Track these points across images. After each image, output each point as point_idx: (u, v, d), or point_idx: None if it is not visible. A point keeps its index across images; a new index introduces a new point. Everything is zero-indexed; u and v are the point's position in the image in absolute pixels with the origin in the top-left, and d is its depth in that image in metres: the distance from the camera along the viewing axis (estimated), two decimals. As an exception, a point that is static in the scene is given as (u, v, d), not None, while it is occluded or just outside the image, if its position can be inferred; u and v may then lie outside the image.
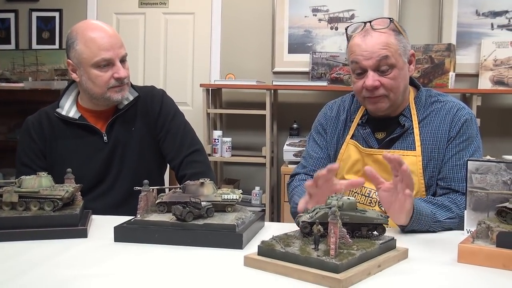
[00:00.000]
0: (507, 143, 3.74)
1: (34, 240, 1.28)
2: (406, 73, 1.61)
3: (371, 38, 1.55)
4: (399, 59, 1.57)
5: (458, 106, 1.66)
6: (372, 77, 1.56)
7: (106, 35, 1.73)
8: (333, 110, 1.82)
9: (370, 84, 1.56)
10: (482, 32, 3.67)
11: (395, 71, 1.57)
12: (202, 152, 1.92)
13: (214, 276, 1.05)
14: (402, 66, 1.58)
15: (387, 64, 1.55)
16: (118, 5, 4.25)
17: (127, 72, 1.79)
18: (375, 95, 1.59)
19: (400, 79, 1.58)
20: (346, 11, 3.87)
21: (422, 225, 1.40)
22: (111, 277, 1.04)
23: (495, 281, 1.04)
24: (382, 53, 1.54)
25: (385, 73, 1.56)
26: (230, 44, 4.09)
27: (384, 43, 1.54)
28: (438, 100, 1.69)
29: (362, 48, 1.56)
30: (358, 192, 1.67)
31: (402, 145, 1.64)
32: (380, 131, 1.69)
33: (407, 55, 1.61)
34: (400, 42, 1.57)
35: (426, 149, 1.61)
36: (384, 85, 1.57)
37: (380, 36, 1.55)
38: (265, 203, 3.69)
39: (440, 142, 1.61)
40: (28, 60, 4.26)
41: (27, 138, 1.84)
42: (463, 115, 1.63)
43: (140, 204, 1.34)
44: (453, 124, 1.62)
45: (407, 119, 1.65)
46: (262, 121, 3.65)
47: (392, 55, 1.55)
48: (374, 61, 1.55)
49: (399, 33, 1.58)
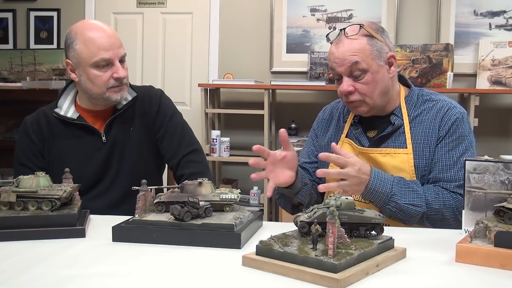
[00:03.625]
0: (505, 143, 3.74)
1: (32, 240, 1.28)
2: (383, 76, 1.61)
3: (342, 45, 1.59)
4: (371, 63, 1.58)
5: (449, 105, 1.67)
6: (346, 82, 1.60)
7: (105, 35, 1.73)
8: (325, 112, 1.88)
9: (344, 89, 1.60)
10: (480, 32, 3.68)
11: (368, 75, 1.59)
12: (200, 152, 1.92)
13: (212, 276, 1.05)
14: (377, 69, 1.59)
15: (358, 69, 1.58)
16: (116, 4, 4.25)
17: (126, 72, 1.79)
18: (350, 100, 1.62)
19: (374, 83, 1.60)
20: (344, 11, 3.87)
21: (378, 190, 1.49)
22: (109, 277, 1.04)
23: (493, 280, 1.04)
24: (352, 59, 1.57)
25: (358, 79, 1.59)
26: (228, 43, 4.09)
27: (354, 49, 1.57)
28: (430, 99, 1.70)
29: (335, 55, 1.61)
30: None
31: (394, 143, 1.65)
32: (371, 130, 1.71)
33: (384, 58, 1.61)
34: (373, 46, 1.59)
35: (417, 147, 1.63)
36: (358, 90, 1.60)
37: (351, 42, 1.58)
38: (263, 202, 3.70)
39: (431, 140, 1.63)
40: (26, 59, 4.25)
41: (25, 138, 1.84)
42: (454, 114, 1.64)
43: (138, 204, 1.34)
44: (443, 123, 1.63)
45: (398, 118, 1.67)
46: (260, 121, 3.65)
47: (362, 60, 1.57)
48: (345, 67, 1.58)
49: (371, 37, 1.60)
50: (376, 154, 1.65)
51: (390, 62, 1.64)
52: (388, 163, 1.62)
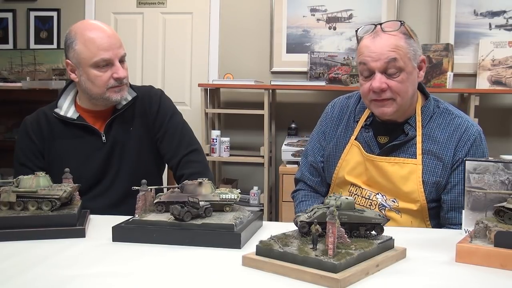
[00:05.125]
0: (505, 143, 3.74)
1: (32, 240, 1.28)
2: (414, 78, 1.58)
3: (380, 40, 1.53)
4: (408, 63, 1.54)
5: (466, 123, 1.62)
6: (379, 79, 1.53)
7: (105, 35, 1.73)
8: (335, 109, 1.81)
9: (377, 86, 1.53)
10: (480, 32, 3.68)
11: (403, 74, 1.53)
12: (200, 152, 1.92)
13: (212, 276, 1.05)
14: (411, 70, 1.55)
15: (395, 67, 1.52)
16: (116, 4, 4.25)
17: (126, 72, 1.79)
18: (381, 98, 1.56)
19: (408, 83, 1.55)
20: (344, 11, 3.87)
21: None
22: (109, 277, 1.04)
23: (493, 280, 1.04)
24: (390, 55, 1.52)
25: (393, 76, 1.53)
26: (228, 43, 4.09)
27: (393, 45, 1.52)
28: (447, 112, 1.65)
29: (370, 49, 1.54)
30: (359, 194, 1.67)
31: (404, 153, 1.62)
32: (383, 135, 1.66)
33: (417, 60, 1.58)
34: (410, 46, 1.54)
35: (427, 161, 1.59)
36: (391, 88, 1.54)
37: (390, 38, 1.53)
38: (263, 202, 3.69)
39: (444, 159, 1.59)
40: (26, 59, 4.25)
41: (25, 138, 1.84)
42: (473, 133, 1.60)
43: (138, 204, 1.34)
44: (462, 143, 1.59)
45: (412, 128, 1.62)
46: (260, 121, 3.65)
47: (400, 58, 1.52)
48: (382, 63, 1.52)
49: (409, 37, 1.55)
50: (384, 163, 1.61)
51: (420, 66, 1.60)
52: (396, 173, 1.59)
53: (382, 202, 1.62)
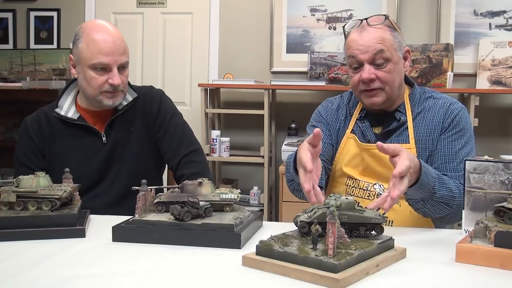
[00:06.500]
0: (505, 143, 3.74)
1: (32, 240, 1.28)
2: (401, 68, 1.67)
3: (367, 33, 1.62)
4: (394, 54, 1.62)
5: (451, 101, 1.71)
6: (368, 70, 1.61)
7: (110, 40, 1.72)
8: (333, 103, 1.86)
9: (366, 76, 1.61)
10: (480, 32, 3.68)
11: (390, 64, 1.62)
12: (200, 152, 1.92)
13: (212, 276, 1.05)
14: (397, 60, 1.64)
15: (382, 58, 1.60)
16: (116, 4, 4.25)
17: (122, 79, 1.77)
18: (371, 88, 1.63)
19: (395, 73, 1.63)
20: (344, 11, 3.87)
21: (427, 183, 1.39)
22: (109, 277, 1.04)
23: (493, 280, 1.04)
24: (377, 47, 1.60)
25: (381, 67, 1.62)
26: (228, 43, 4.09)
27: (379, 37, 1.61)
28: (432, 96, 1.74)
29: (358, 43, 1.62)
30: (356, 186, 1.70)
31: (397, 139, 1.68)
32: (376, 126, 1.73)
33: (402, 51, 1.66)
34: (395, 38, 1.63)
35: (419, 142, 1.66)
36: (380, 78, 1.62)
37: (376, 31, 1.62)
38: (263, 202, 3.69)
39: (434, 134, 1.66)
40: (26, 59, 4.25)
41: (25, 137, 1.84)
42: (456, 108, 1.68)
43: (138, 203, 1.34)
44: (446, 116, 1.67)
45: (403, 114, 1.70)
46: (260, 121, 3.65)
47: (387, 49, 1.60)
48: (370, 55, 1.60)
49: (394, 29, 1.65)
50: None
51: (405, 57, 1.69)
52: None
53: (380, 192, 1.64)
